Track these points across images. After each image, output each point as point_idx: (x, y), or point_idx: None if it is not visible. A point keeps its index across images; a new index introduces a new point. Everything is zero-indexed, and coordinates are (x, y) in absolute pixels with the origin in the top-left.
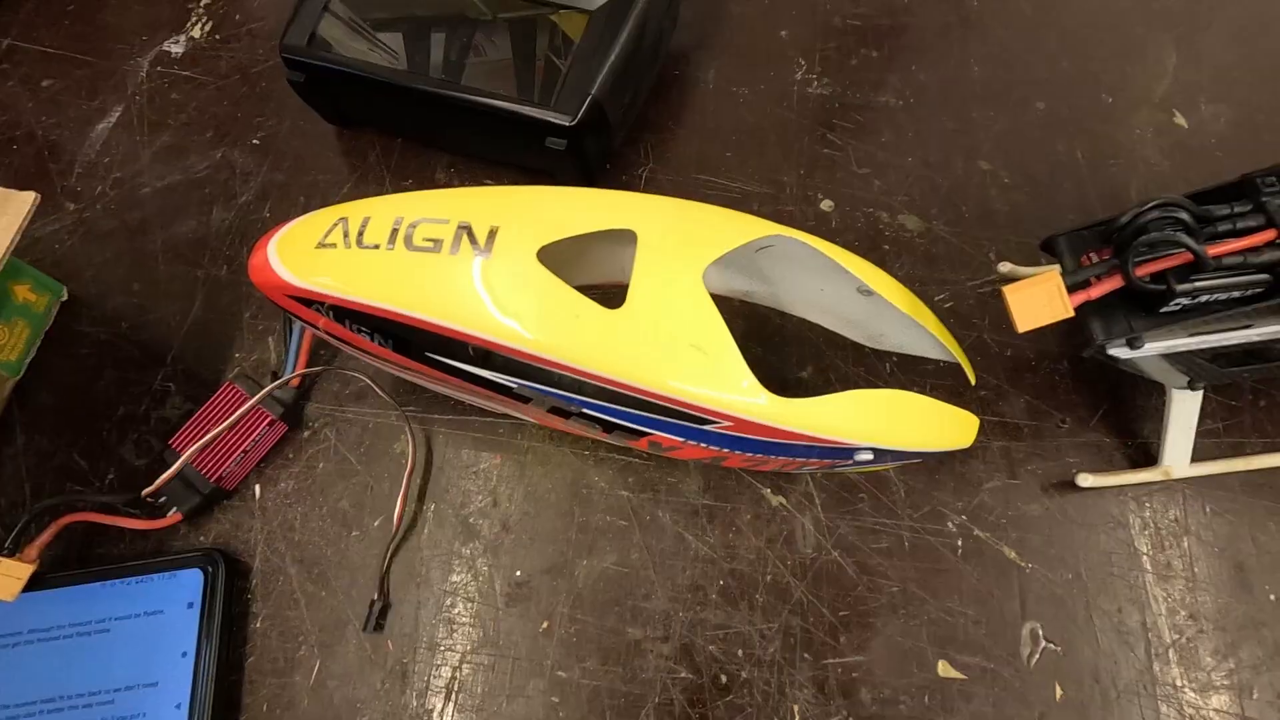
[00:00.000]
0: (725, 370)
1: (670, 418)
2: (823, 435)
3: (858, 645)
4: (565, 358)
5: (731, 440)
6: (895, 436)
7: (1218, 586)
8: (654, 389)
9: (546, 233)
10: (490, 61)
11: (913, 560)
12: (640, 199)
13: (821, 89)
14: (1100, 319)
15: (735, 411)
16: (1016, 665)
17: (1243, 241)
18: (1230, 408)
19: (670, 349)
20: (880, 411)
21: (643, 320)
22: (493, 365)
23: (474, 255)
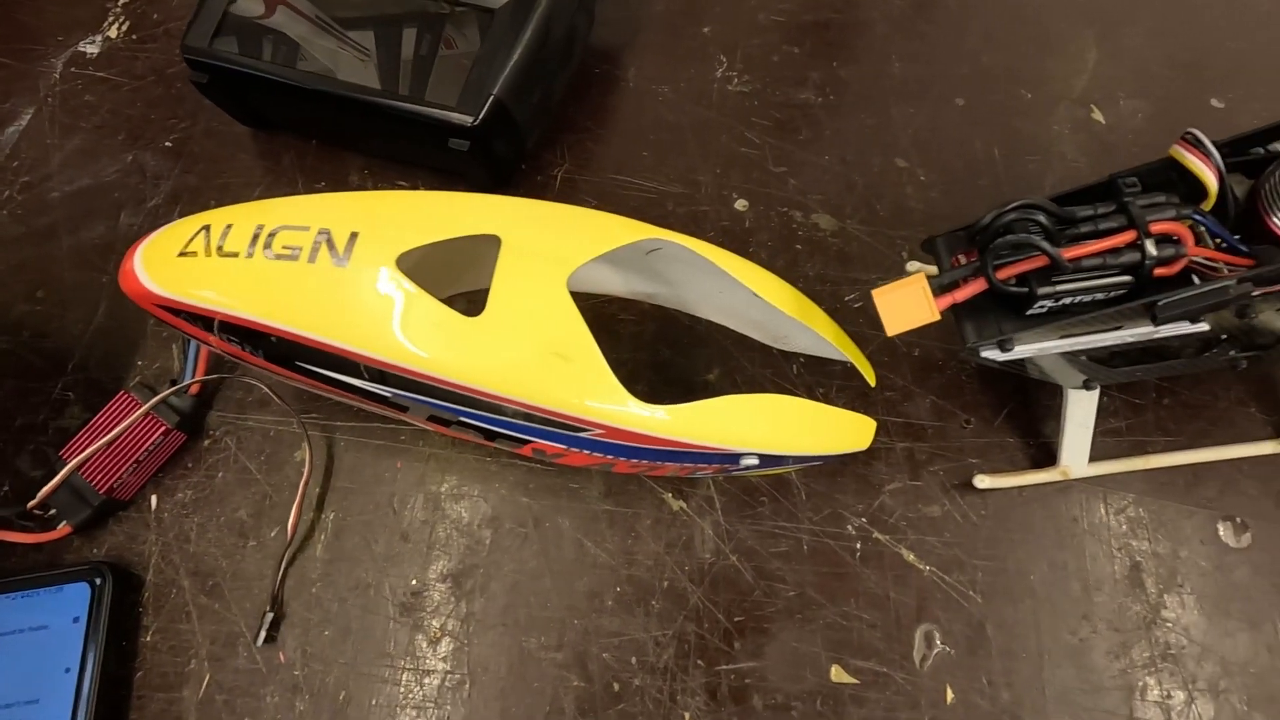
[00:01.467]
0: (589, 378)
1: (545, 425)
2: (695, 442)
3: (752, 651)
4: (423, 366)
5: (610, 447)
6: (776, 441)
7: (1113, 587)
8: (515, 397)
9: (407, 239)
10: (393, 61)
11: (811, 564)
12: (508, 203)
13: (742, 86)
14: (972, 321)
15: (602, 419)
16: (909, 669)
17: (1101, 243)
18: (1134, 406)
19: (531, 356)
20: (757, 417)
21: (503, 328)
22: (365, 374)
23: (332, 263)
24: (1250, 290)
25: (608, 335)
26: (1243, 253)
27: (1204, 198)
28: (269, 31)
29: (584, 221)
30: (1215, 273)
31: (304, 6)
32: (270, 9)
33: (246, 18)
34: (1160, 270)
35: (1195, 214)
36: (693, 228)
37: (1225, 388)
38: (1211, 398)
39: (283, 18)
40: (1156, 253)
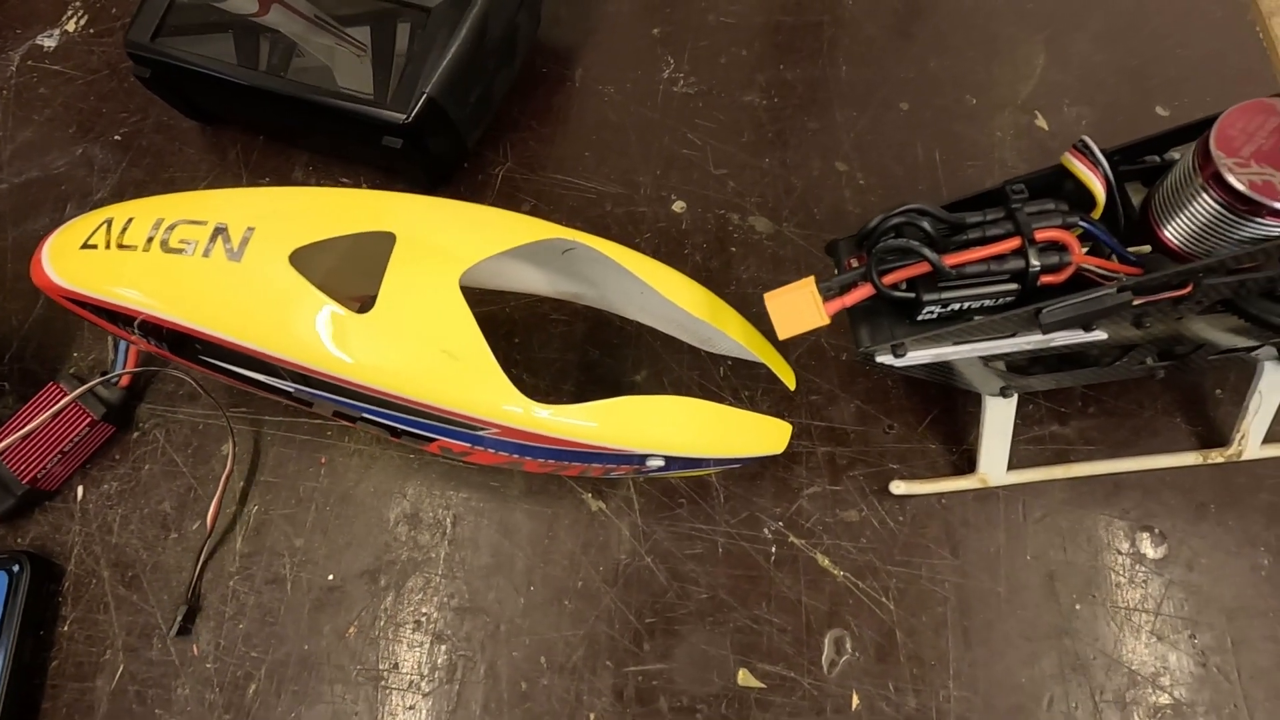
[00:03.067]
0: (478, 376)
1: (442, 423)
2: (590, 442)
3: (661, 653)
4: (311, 361)
5: (510, 446)
6: (677, 443)
7: (1028, 595)
8: (404, 394)
9: (302, 235)
10: (332, 58)
11: (725, 567)
12: (408, 200)
13: (687, 88)
14: (866, 325)
15: (493, 418)
16: (817, 674)
17: (985, 250)
18: (1059, 415)
19: (420, 354)
20: (655, 418)
21: (391, 324)
22: (267, 369)
23: (225, 257)
24: (1130, 299)
25: (539, 335)
26: (1131, 261)
27: (1095, 206)
28: (215, 26)
29: (484, 220)
30: (1109, 281)
31: (247, 5)
32: (263, 8)
33: (193, 12)
34: (1048, 278)
35: (1083, 222)
36: (630, 228)
37: (1152, 398)
38: (1138, 407)
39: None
40: (1040, 260)
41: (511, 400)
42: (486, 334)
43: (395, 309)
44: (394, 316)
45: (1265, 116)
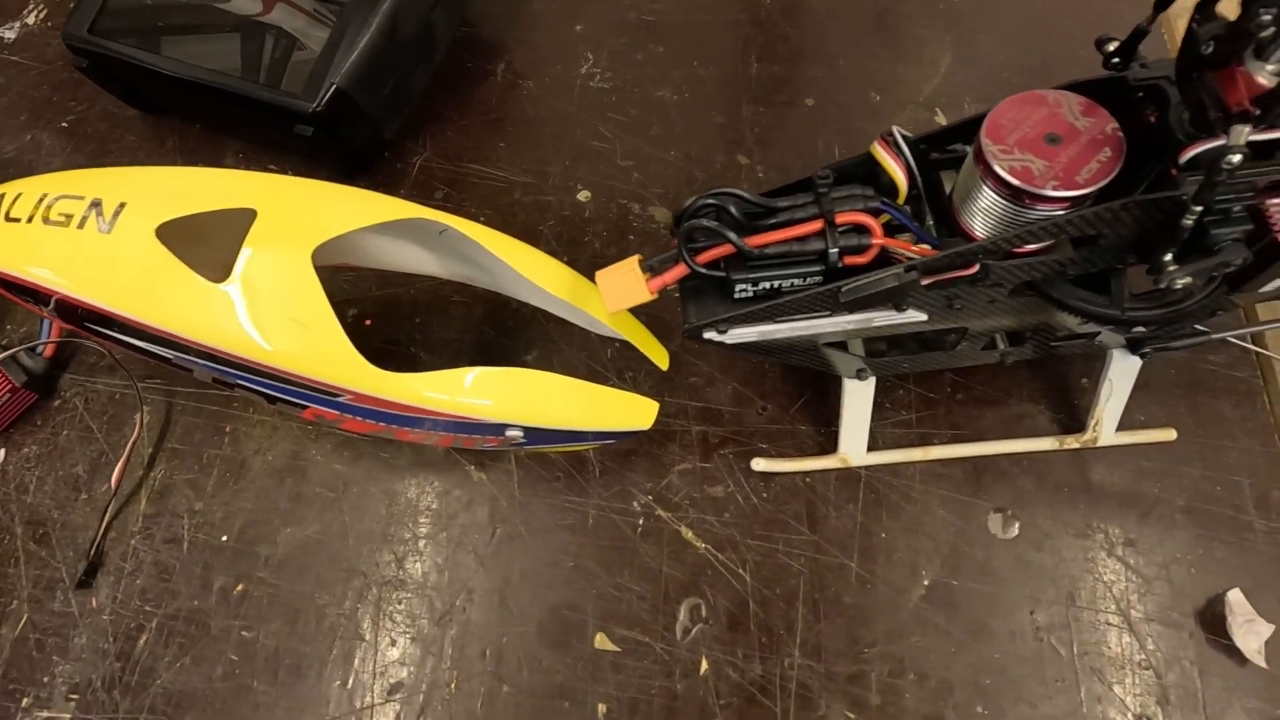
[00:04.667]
0: (325, 343)
1: (304, 389)
2: (437, 409)
3: (525, 616)
4: (173, 328)
5: (370, 412)
6: (527, 414)
7: (874, 570)
8: (260, 360)
9: (170, 210)
10: (257, 49)
11: (594, 537)
12: (273, 180)
13: (604, 83)
14: (694, 304)
15: (341, 383)
16: (670, 640)
17: (786, 232)
18: (927, 400)
19: (271, 322)
20: (502, 389)
21: (244, 294)
22: (145, 336)
23: (98, 230)
24: (916, 278)
25: (439, 316)
26: (930, 243)
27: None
28: (151, 17)
29: (345, 199)
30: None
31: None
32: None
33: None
34: (852, 259)
35: (884, 206)
36: (535, 215)
37: (1019, 385)
38: (1004, 395)
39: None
40: (841, 241)
41: (356, 366)
42: (391, 315)
43: (249, 280)
44: (248, 286)
45: (1035, 107)
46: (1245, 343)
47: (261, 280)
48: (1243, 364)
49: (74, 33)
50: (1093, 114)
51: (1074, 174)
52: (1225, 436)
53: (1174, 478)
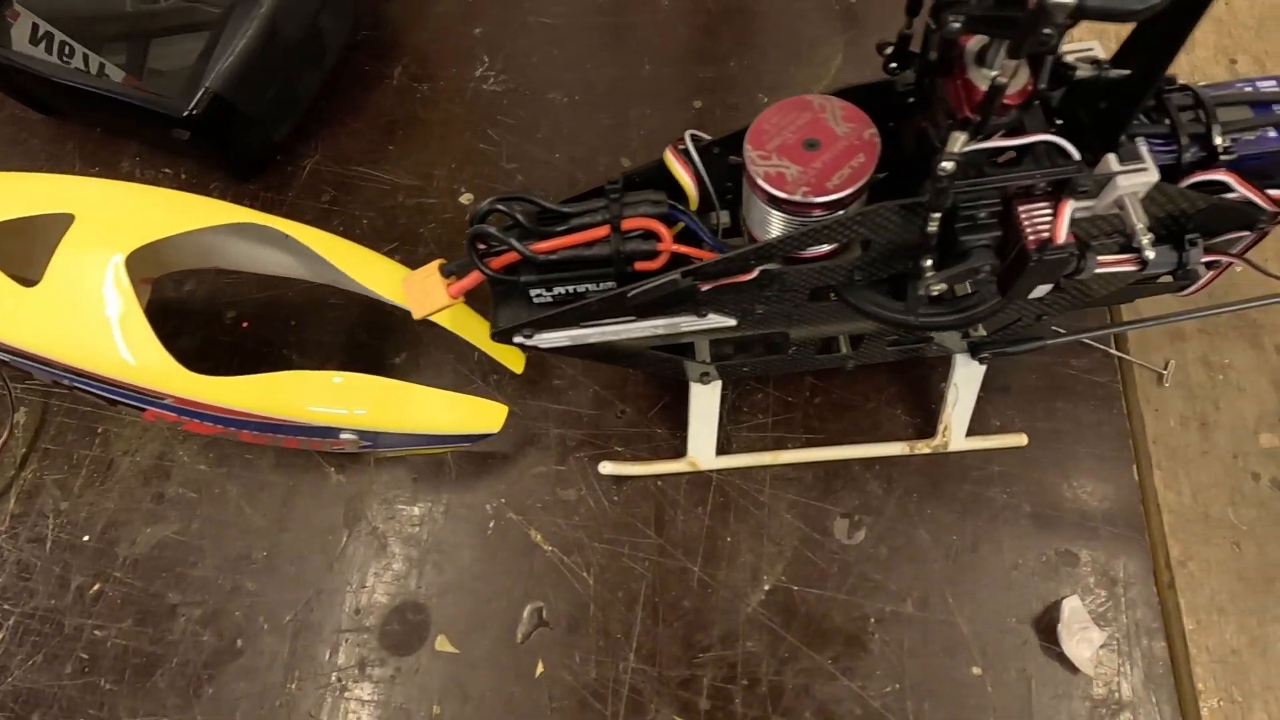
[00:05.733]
0: (138, 348)
1: (127, 391)
2: (252, 411)
3: (370, 619)
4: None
5: (198, 414)
6: (351, 418)
7: (717, 574)
8: (75, 364)
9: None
10: (141, 55)
11: (445, 540)
12: (96, 185)
13: (496, 85)
14: (505, 308)
15: (156, 387)
16: (510, 642)
17: (572, 237)
18: (786, 403)
19: (82, 326)
20: (322, 393)
21: (56, 298)
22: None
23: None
24: (692, 283)
25: (314, 318)
26: (716, 248)
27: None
28: (36, 24)
29: (170, 204)
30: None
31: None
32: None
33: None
34: (644, 264)
35: (676, 211)
36: (416, 218)
37: (878, 390)
38: (863, 399)
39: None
40: (628, 246)
41: (171, 370)
42: (269, 317)
43: (61, 284)
44: (59, 291)
45: (800, 112)
46: (1106, 346)
47: (73, 284)
48: (1105, 368)
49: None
50: (853, 119)
51: (826, 180)
52: (1078, 442)
53: (1023, 483)
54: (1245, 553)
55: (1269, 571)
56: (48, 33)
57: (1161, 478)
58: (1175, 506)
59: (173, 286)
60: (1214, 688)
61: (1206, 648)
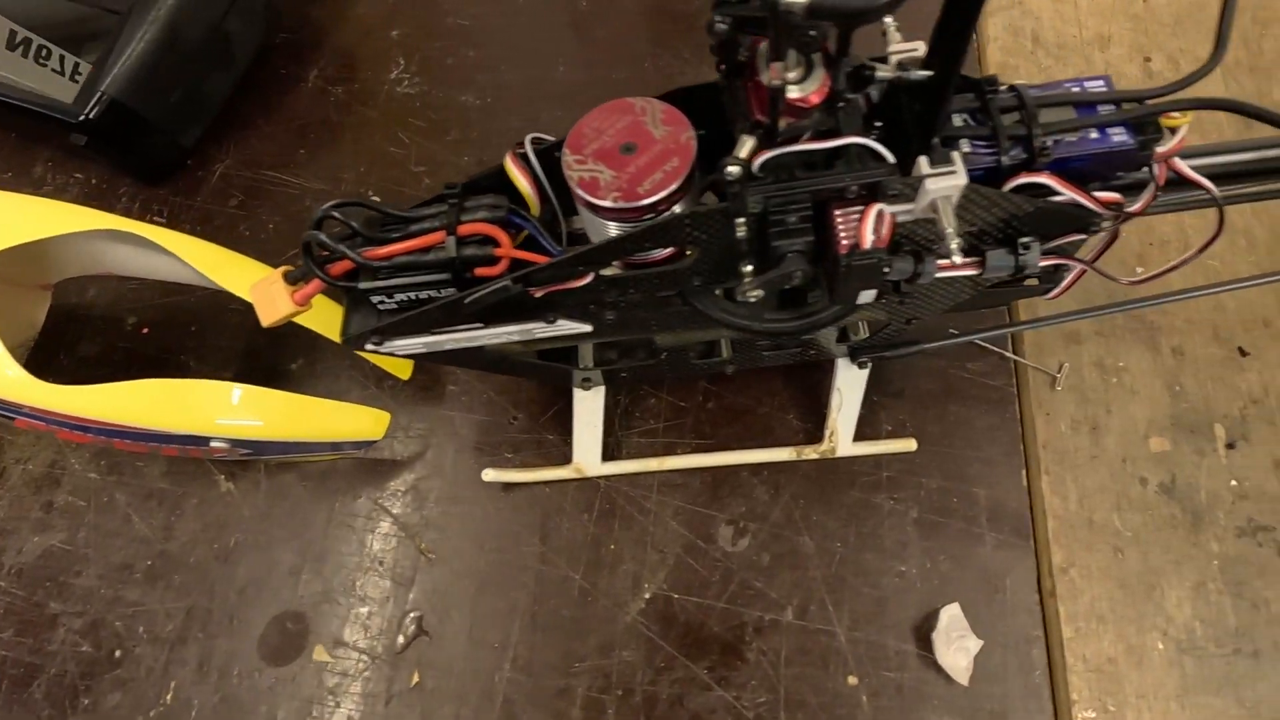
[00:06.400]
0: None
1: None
2: (113, 421)
3: (249, 627)
4: None
5: (69, 425)
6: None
7: (598, 583)
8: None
9: None
10: (37, 59)
11: (328, 548)
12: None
13: (410, 88)
14: (356, 314)
15: (8, 397)
16: (388, 652)
17: (407, 244)
18: (678, 409)
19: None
20: (182, 402)
21: None
22: None
23: None
24: (522, 289)
25: (215, 324)
26: (548, 253)
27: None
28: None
29: (25, 212)
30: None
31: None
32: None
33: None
34: (484, 269)
35: (515, 217)
36: None
37: (771, 394)
38: (755, 403)
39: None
40: (464, 251)
41: (18, 379)
42: (170, 323)
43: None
44: None
45: (620, 115)
46: (1003, 349)
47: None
48: (1000, 372)
49: None
50: (672, 122)
51: (638, 185)
52: (969, 446)
53: (911, 488)
54: (1128, 559)
55: (1149, 579)
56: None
57: (1049, 483)
58: (1061, 512)
59: (76, 292)
60: (1088, 697)
61: (1084, 656)
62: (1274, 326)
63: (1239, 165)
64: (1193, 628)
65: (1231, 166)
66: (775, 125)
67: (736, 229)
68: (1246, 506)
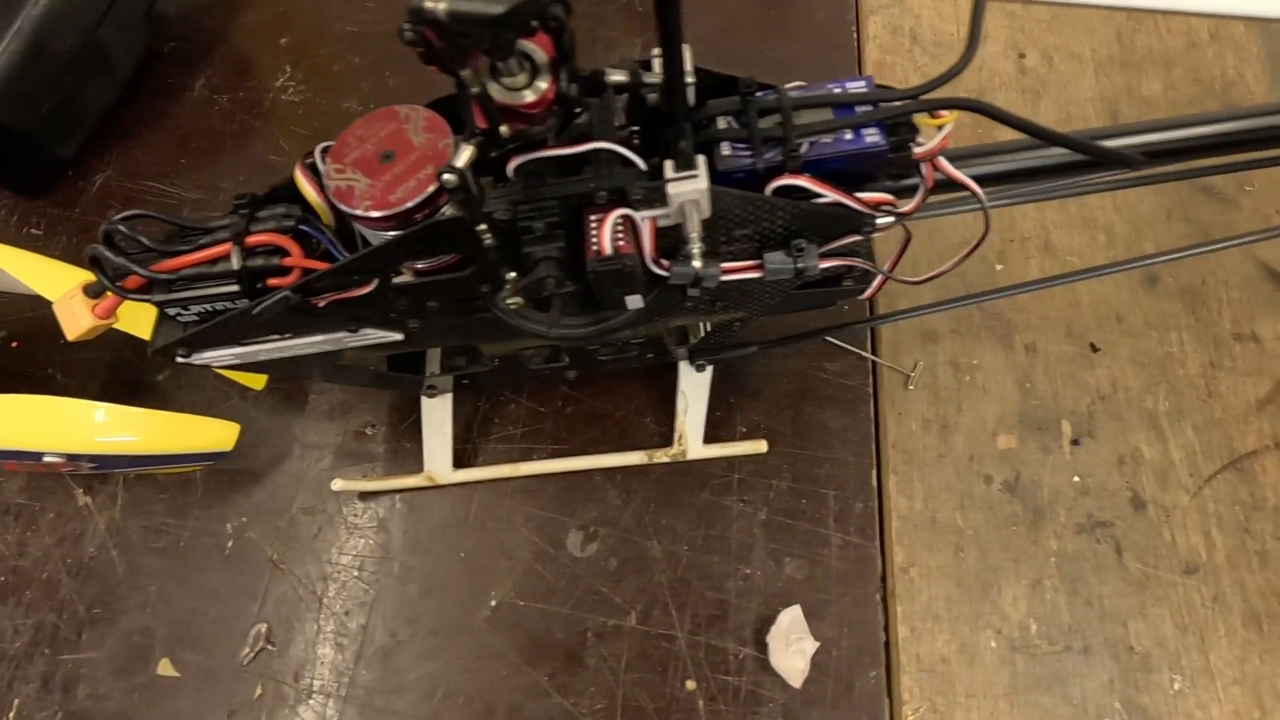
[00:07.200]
0: None
1: None
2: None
3: (96, 643)
4: None
5: None
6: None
7: (447, 591)
8: None
9: None
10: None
11: (181, 560)
12: None
13: (294, 95)
14: (165, 325)
15: None
16: (232, 665)
17: (196, 255)
18: (537, 414)
19: None
20: (16, 417)
21: None
22: None
23: None
24: (301, 298)
25: None
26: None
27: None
28: None
29: None
30: None
31: None
32: None
33: None
34: (276, 280)
35: (306, 227)
36: None
37: (629, 398)
38: (614, 408)
39: None
40: (251, 262)
41: None
42: (38, 339)
43: None
44: None
45: (385, 123)
46: (861, 350)
47: None
48: (858, 371)
49: None
50: (433, 130)
51: (390, 193)
52: (822, 447)
53: (761, 490)
54: (967, 558)
55: (986, 577)
56: None
57: (896, 482)
58: (905, 512)
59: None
60: (919, 696)
61: (917, 656)
62: (1127, 322)
63: (1014, 168)
64: (1027, 625)
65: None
66: (495, 132)
67: (481, 237)
68: (1087, 503)
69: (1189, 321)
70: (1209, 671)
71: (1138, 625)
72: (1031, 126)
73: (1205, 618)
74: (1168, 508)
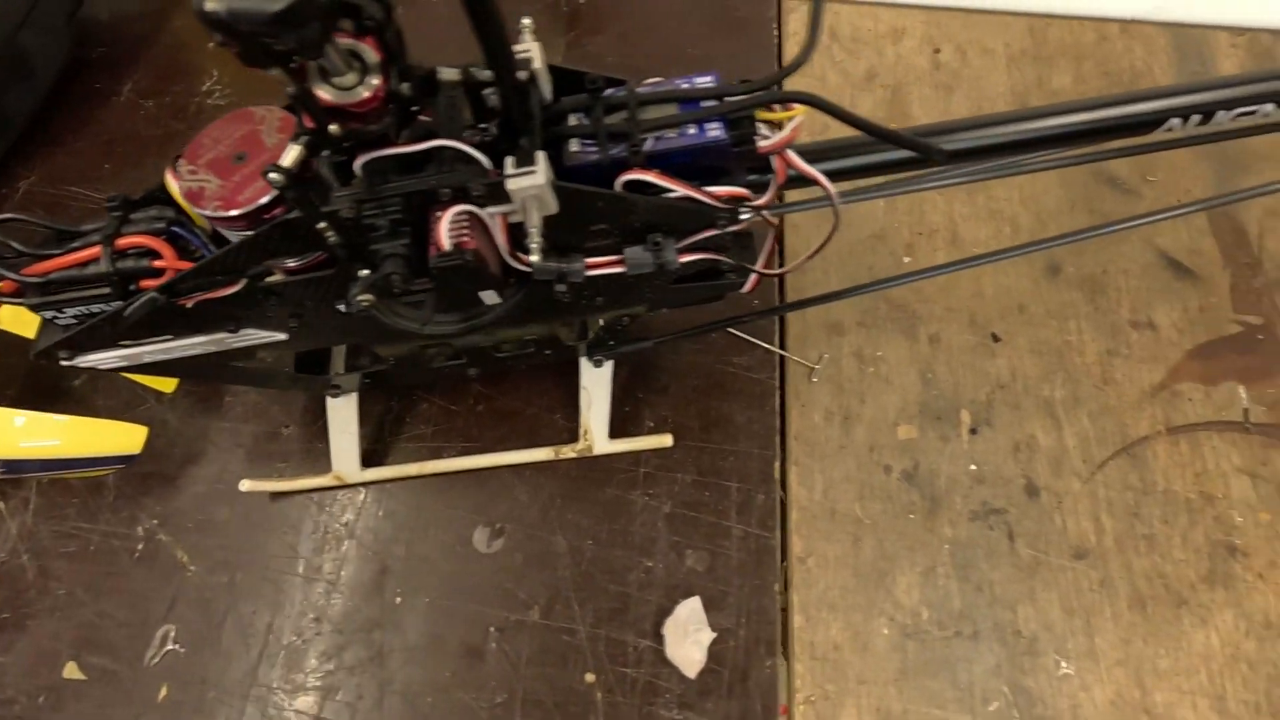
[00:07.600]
0: None
1: None
2: None
3: (4, 648)
4: None
5: None
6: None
7: (354, 589)
8: None
9: None
10: None
11: (91, 563)
12: None
13: (221, 99)
14: (46, 328)
15: None
16: (137, 667)
17: (66, 258)
18: (449, 412)
19: None
20: None
21: None
22: None
23: None
24: (164, 299)
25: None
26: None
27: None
28: None
29: None
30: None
31: None
32: None
33: None
34: (149, 282)
35: (178, 229)
36: None
37: (540, 395)
38: (524, 404)
39: None
40: (121, 264)
41: None
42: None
43: None
44: None
45: (241, 124)
46: (769, 343)
47: None
48: (764, 365)
49: None
50: (287, 130)
51: (239, 194)
52: (726, 440)
53: (666, 484)
54: (864, 547)
55: (882, 565)
56: None
57: (797, 474)
58: (805, 503)
59: None
60: (810, 683)
61: (811, 644)
62: (1028, 312)
63: (866, 163)
64: (919, 612)
65: (859, 163)
66: (323, 131)
67: (324, 235)
68: (982, 491)
69: (1088, 310)
70: (1094, 654)
71: (1026, 610)
72: (855, 119)
73: (1092, 601)
74: (1060, 494)
